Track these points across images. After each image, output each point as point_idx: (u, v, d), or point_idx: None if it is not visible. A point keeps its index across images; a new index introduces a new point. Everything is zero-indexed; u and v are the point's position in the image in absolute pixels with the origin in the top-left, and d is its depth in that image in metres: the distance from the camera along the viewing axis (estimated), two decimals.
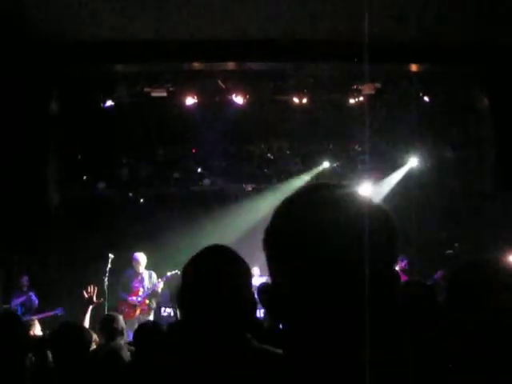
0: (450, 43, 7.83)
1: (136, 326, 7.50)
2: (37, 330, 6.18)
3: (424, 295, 2.56)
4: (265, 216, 11.21)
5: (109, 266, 7.96)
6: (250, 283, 1.71)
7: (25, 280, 8.40)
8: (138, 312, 7.81)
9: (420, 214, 11.32)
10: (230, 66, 8.52)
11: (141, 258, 8.16)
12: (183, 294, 1.65)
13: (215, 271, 1.62)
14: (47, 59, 7.52)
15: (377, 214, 0.92)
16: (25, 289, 8.41)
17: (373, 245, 0.85)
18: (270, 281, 0.97)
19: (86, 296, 5.82)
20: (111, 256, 8.04)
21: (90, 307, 5.88)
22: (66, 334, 3.03)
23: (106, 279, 7.81)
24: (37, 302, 8.31)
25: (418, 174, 11.17)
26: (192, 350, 1.61)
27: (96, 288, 6.01)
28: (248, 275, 1.70)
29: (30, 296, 8.28)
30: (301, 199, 0.95)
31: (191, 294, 1.63)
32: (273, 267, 0.95)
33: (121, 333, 4.52)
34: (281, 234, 0.92)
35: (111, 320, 4.64)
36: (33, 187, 8.55)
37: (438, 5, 6.99)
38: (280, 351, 1.40)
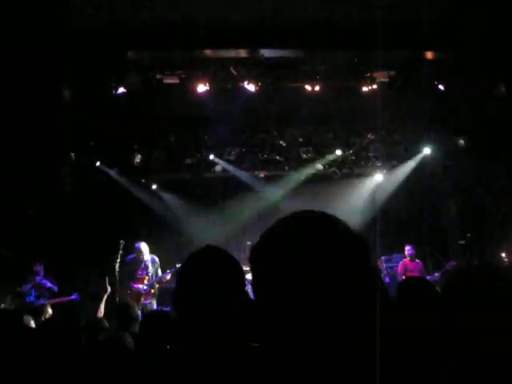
0: (465, 30, 7.69)
1: (139, 313, 7.61)
2: (48, 316, 6.27)
3: (426, 291, 2.55)
4: (276, 203, 11.23)
5: (120, 252, 8.02)
6: (243, 285, 1.73)
7: (39, 268, 8.40)
8: (142, 299, 7.89)
9: (433, 203, 11.25)
10: (242, 53, 8.46)
11: (143, 247, 8.23)
12: (177, 297, 1.68)
13: (208, 276, 1.65)
14: (59, 46, 7.54)
15: (348, 239, 1.06)
16: (39, 275, 8.44)
17: (340, 267, 1.01)
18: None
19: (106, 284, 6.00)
20: (122, 242, 8.09)
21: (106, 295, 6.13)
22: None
23: (118, 265, 7.87)
24: (49, 285, 8.30)
25: (431, 163, 11.06)
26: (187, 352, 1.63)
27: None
28: (241, 277, 1.72)
29: (43, 283, 8.29)
30: (283, 227, 1.10)
31: (185, 299, 1.66)
32: (256, 283, 1.08)
33: (135, 320, 4.55)
34: (266, 254, 1.07)
35: (127, 308, 4.68)
36: (46, 173, 8.63)
37: None
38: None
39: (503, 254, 9.15)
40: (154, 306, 7.96)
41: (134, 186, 10.85)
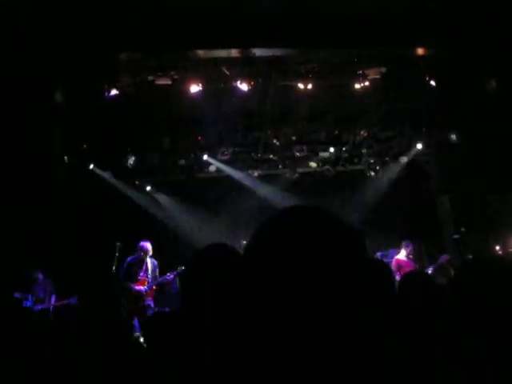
0: (457, 26, 7.73)
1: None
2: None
3: (424, 284, 2.59)
4: (271, 202, 11.24)
5: (116, 254, 7.98)
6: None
7: (40, 276, 8.34)
8: (143, 301, 7.83)
9: (426, 198, 11.31)
10: (234, 52, 8.46)
11: (148, 246, 8.17)
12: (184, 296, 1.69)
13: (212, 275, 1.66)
14: (51, 49, 7.50)
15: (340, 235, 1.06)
16: (40, 282, 8.38)
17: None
18: None
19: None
20: (119, 244, 8.05)
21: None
22: None
23: (114, 268, 7.84)
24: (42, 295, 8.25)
25: (424, 159, 11.13)
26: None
27: None
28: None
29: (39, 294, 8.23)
30: (276, 222, 1.14)
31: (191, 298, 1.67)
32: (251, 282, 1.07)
33: None
34: (260, 252, 1.08)
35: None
36: (39, 178, 8.59)
37: None
38: None
39: (497, 247, 9.22)
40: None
41: (128, 189, 10.82)
